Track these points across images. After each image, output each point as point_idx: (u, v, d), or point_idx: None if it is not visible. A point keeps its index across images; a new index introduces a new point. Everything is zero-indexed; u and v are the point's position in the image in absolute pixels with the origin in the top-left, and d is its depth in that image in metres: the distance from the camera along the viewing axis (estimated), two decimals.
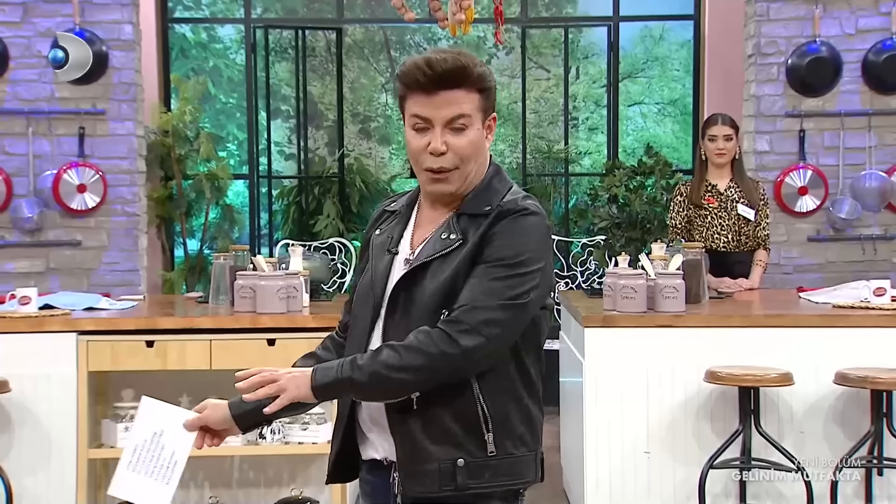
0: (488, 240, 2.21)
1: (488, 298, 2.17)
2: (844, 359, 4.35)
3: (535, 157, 9.37)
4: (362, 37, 11.17)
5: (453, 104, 2.19)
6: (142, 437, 2.38)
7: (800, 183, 6.97)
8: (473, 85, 2.21)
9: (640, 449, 4.45)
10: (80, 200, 6.83)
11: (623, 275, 4.55)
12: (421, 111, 2.21)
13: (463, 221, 2.25)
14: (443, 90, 2.18)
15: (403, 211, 2.37)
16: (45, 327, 4.45)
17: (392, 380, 2.15)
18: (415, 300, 2.22)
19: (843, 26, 6.97)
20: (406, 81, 2.21)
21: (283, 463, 4.71)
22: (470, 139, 2.23)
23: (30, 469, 4.40)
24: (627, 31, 9.70)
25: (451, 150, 2.21)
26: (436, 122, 2.20)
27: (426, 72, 2.17)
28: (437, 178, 2.24)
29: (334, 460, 2.38)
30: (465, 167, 2.24)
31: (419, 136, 2.23)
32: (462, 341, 2.14)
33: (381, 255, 2.33)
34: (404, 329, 2.21)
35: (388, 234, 2.35)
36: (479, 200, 2.27)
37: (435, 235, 2.27)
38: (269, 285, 4.47)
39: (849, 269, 6.85)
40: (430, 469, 2.20)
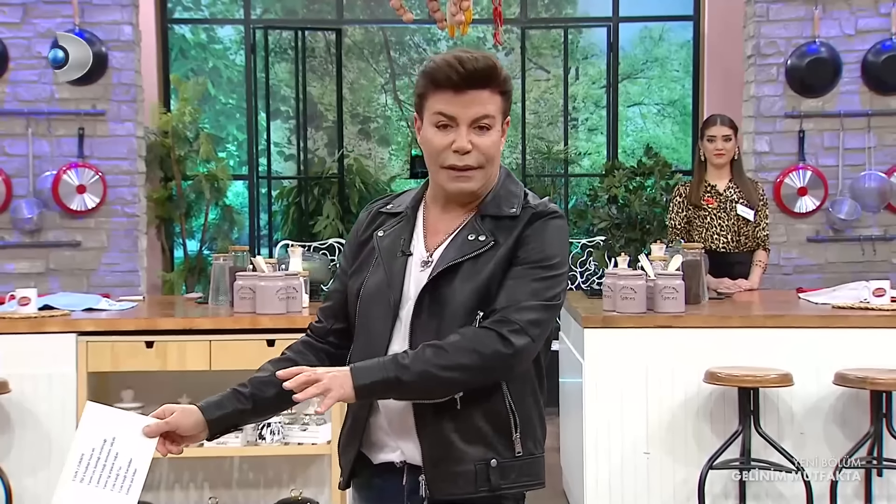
0: (522, 241, 2.24)
1: (532, 299, 2.20)
2: (844, 359, 4.35)
3: (534, 158, 9.38)
4: (362, 37, 11.17)
5: (480, 104, 2.21)
6: (89, 446, 2.25)
7: (799, 183, 6.97)
8: (499, 87, 2.23)
9: (639, 449, 4.45)
10: (79, 201, 6.83)
11: (623, 275, 4.55)
12: (447, 109, 2.21)
13: (488, 223, 2.26)
14: (472, 89, 2.19)
15: (408, 213, 2.34)
16: (44, 328, 4.45)
17: (442, 379, 2.14)
18: (446, 302, 2.21)
19: (842, 27, 6.97)
20: (438, 77, 2.20)
21: (282, 463, 4.71)
22: (493, 140, 2.24)
23: (29, 469, 4.40)
24: (627, 32, 9.70)
25: (476, 148, 2.22)
26: (461, 121, 2.21)
27: (459, 70, 2.18)
28: (460, 175, 2.23)
29: (353, 465, 2.34)
30: (488, 167, 2.25)
31: (442, 134, 2.22)
32: (515, 341, 2.17)
33: (393, 258, 2.29)
34: (434, 331, 2.20)
35: (397, 235, 2.32)
36: (499, 202, 2.28)
37: (459, 237, 2.26)
38: (268, 286, 4.47)
39: (848, 270, 6.85)
40: (466, 470, 2.21)
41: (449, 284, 2.22)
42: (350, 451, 2.33)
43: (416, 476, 2.26)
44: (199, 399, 4.50)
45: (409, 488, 2.27)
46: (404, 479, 2.27)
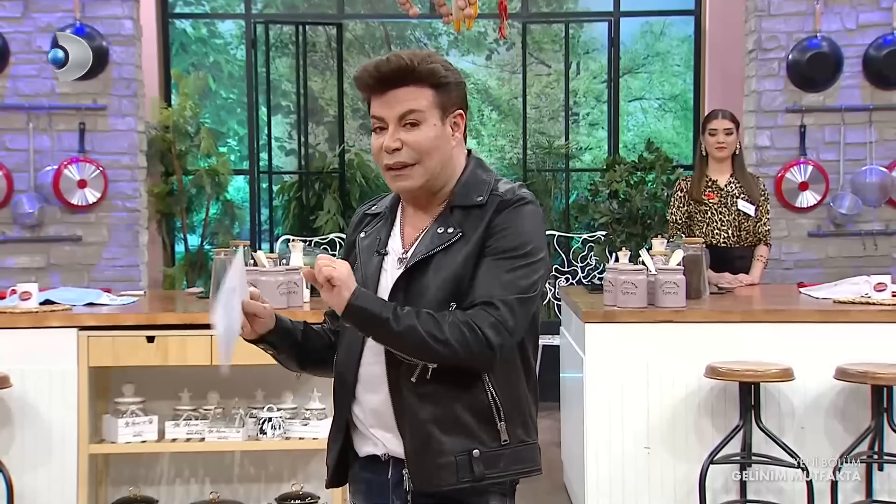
0: (492, 231, 2.24)
1: (507, 292, 2.20)
2: (845, 354, 4.35)
3: (535, 153, 9.37)
4: (363, 32, 11.18)
5: (403, 101, 2.23)
6: (231, 285, 2.25)
7: (800, 178, 6.97)
8: (423, 80, 2.24)
9: (640, 444, 4.46)
10: (80, 196, 6.83)
11: (623, 270, 4.55)
12: (376, 111, 2.27)
13: (457, 214, 2.28)
14: (391, 89, 2.24)
15: (387, 213, 2.39)
16: (45, 323, 4.45)
17: (424, 344, 2.16)
18: (419, 295, 2.23)
19: (843, 21, 6.97)
20: (359, 86, 2.30)
21: (283, 458, 4.72)
22: (426, 134, 2.24)
23: (31, 465, 4.41)
24: (628, 27, 9.71)
25: (406, 145, 2.24)
26: (389, 121, 2.25)
27: (373, 73, 2.24)
28: (397, 174, 2.26)
29: (336, 462, 2.37)
30: (426, 162, 2.25)
31: (377, 137, 2.28)
32: (492, 338, 2.18)
33: (370, 257, 2.34)
34: None
35: (375, 236, 2.37)
36: (468, 192, 2.29)
37: (430, 231, 2.29)
38: (269, 281, 4.47)
39: (849, 265, 6.85)
40: (446, 462, 2.22)
41: (421, 278, 2.24)
42: (335, 446, 2.37)
43: (400, 469, 2.27)
44: (200, 394, 4.52)
45: (394, 481, 2.29)
46: (389, 472, 2.29)
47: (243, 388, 4.60)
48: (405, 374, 2.23)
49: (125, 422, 4.44)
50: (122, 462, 4.71)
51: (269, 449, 4.59)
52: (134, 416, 4.47)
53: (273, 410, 4.49)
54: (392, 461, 2.28)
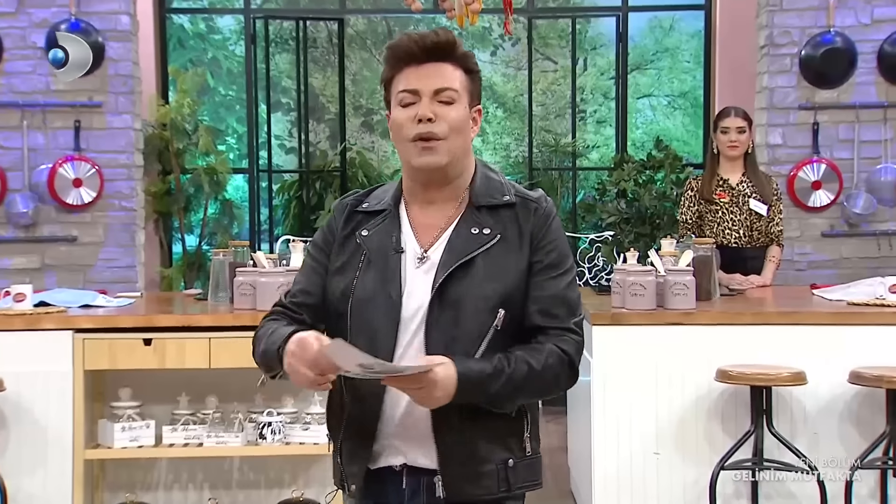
0: (537, 243, 2.30)
1: (572, 313, 2.32)
2: (859, 357, 4.34)
3: (541, 151, 9.36)
4: (365, 27, 11.19)
5: (441, 76, 2.27)
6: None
7: (813, 177, 6.97)
8: (459, 62, 2.29)
9: (649, 449, 4.45)
10: (75, 195, 6.84)
11: (632, 271, 4.55)
12: (409, 84, 2.27)
13: (486, 214, 2.30)
14: (432, 61, 2.27)
15: (391, 209, 2.36)
16: (40, 325, 4.46)
17: (535, 390, 2.27)
18: (461, 299, 2.23)
19: (858, 16, 6.96)
20: (398, 54, 2.28)
21: (283, 464, 4.72)
22: (459, 113, 2.28)
23: (25, 469, 4.41)
24: (636, 22, 9.71)
25: (439, 118, 2.25)
26: (424, 93, 2.26)
27: (418, 42, 2.26)
28: (426, 146, 2.25)
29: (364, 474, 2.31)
30: (453, 140, 2.27)
31: (407, 110, 2.28)
32: (577, 364, 2.33)
33: (386, 256, 2.30)
34: (450, 328, 2.22)
35: (385, 233, 2.32)
36: (488, 190, 2.33)
37: (461, 231, 2.29)
38: (269, 282, 4.48)
39: (864, 266, 6.85)
40: (489, 470, 2.26)
41: (462, 281, 2.24)
42: (359, 460, 2.31)
43: (417, 478, 2.27)
44: (198, 398, 4.53)
45: (410, 491, 2.28)
46: (404, 482, 2.28)
47: (242, 392, 4.60)
48: None
49: (122, 426, 4.44)
50: (118, 468, 4.71)
51: (268, 454, 4.59)
52: (130, 421, 4.47)
53: (273, 415, 4.49)
54: (407, 471, 2.28)
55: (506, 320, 2.24)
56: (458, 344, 2.21)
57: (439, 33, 2.27)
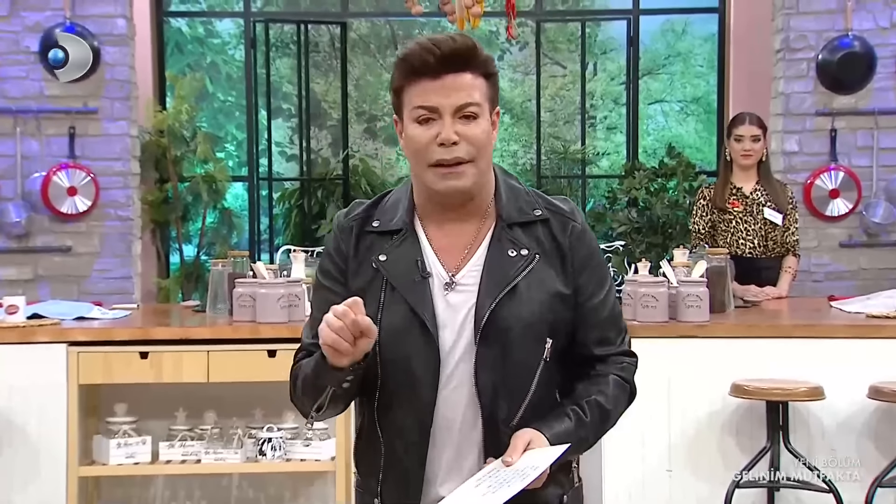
0: (580, 262, 2.21)
1: (622, 332, 2.31)
2: (879, 372, 4.33)
3: (550, 158, 9.39)
4: (368, 31, 11.21)
5: (462, 89, 2.10)
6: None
7: (831, 185, 6.96)
8: (480, 69, 2.13)
9: (661, 466, 4.45)
10: (70, 204, 6.85)
11: (643, 282, 4.55)
12: (427, 100, 2.10)
13: (519, 233, 2.18)
14: (451, 73, 2.09)
15: (407, 228, 2.20)
16: (33, 338, 4.46)
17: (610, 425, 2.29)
18: (507, 328, 2.12)
19: (877, 19, 6.96)
20: (413, 63, 2.10)
21: (284, 481, 4.72)
22: (482, 128, 2.12)
23: (18, 486, 4.41)
24: (648, 25, 9.71)
25: (463, 139, 2.10)
26: (444, 111, 2.09)
27: (435, 51, 2.08)
28: (450, 172, 2.10)
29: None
30: (479, 161, 2.13)
31: (424, 128, 2.11)
32: (634, 387, 2.35)
33: (412, 283, 2.14)
34: (500, 361, 2.12)
35: (408, 257, 2.17)
36: (518, 204, 2.21)
37: (495, 253, 2.16)
38: (269, 293, 4.48)
39: (883, 277, 6.83)
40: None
41: (506, 310, 2.12)
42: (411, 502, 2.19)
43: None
44: (196, 413, 4.52)
45: None
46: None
47: (241, 407, 4.61)
48: (505, 419, 2.14)
49: (117, 442, 4.44)
50: (113, 485, 4.71)
51: (268, 471, 4.59)
52: (126, 437, 4.47)
53: (273, 430, 4.49)
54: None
55: (553, 350, 2.16)
56: (509, 381, 2.13)
57: (456, 39, 2.10)
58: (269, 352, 4.38)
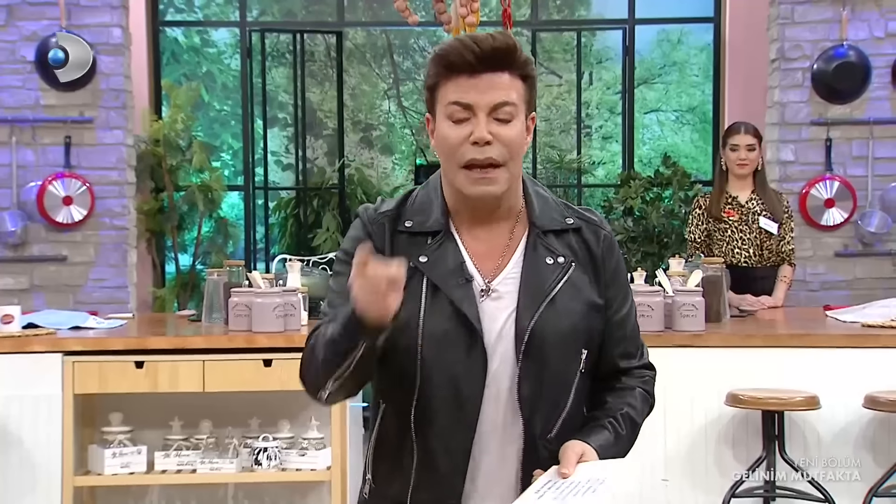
0: (610, 274, 2.22)
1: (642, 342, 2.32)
2: (874, 381, 4.34)
3: (546, 167, 9.39)
4: (364, 41, 11.22)
5: (499, 88, 2.06)
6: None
7: (826, 195, 6.97)
8: (519, 70, 2.09)
9: (657, 476, 4.45)
10: (65, 213, 6.85)
11: (639, 291, 4.55)
12: (462, 97, 2.06)
13: (553, 240, 2.17)
14: (489, 72, 2.05)
15: (444, 230, 2.15)
16: (28, 347, 4.46)
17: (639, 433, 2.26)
18: (545, 338, 2.10)
19: (871, 29, 6.98)
20: (451, 59, 2.06)
21: (280, 491, 4.71)
22: (518, 131, 2.09)
23: (13, 497, 4.40)
24: (644, 35, 9.71)
25: (497, 140, 2.06)
26: (479, 108, 2.06)
27: (474, 49, 2.04)
28: (483, 176, 2.07)
29: None
30: (512, 165, 2.09)
31: (458, 128, 2.07)
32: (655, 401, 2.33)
33: (454, 287, 2.09)
34: (540, 371, 2.10)
35: (446, 259, 2.12)
36: (550, 212, 2.19)
37: (533, 261, 2.14)
38: (265, 303, 4.48)
39: (879, 286, 6.84)
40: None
41: (545, 320, 2.10)
42: None
43: None
44: (192, 423, 4.52)
45: None
46: None
47: (237, 417, 4.60)
48: (542, 432, 2.12)
49: (112, 452, 4.44)
50: (109, 494, 4.70)
51: (264, 481, 4.58)
52: (122, 446, 4.47)
53: (269, 440, 4.49)
54: None
55: (587, 362, 2.16)
56: (546, 391, 2.11)
57: (497, 38, 2.05)
58: (265, 361, 4.38)
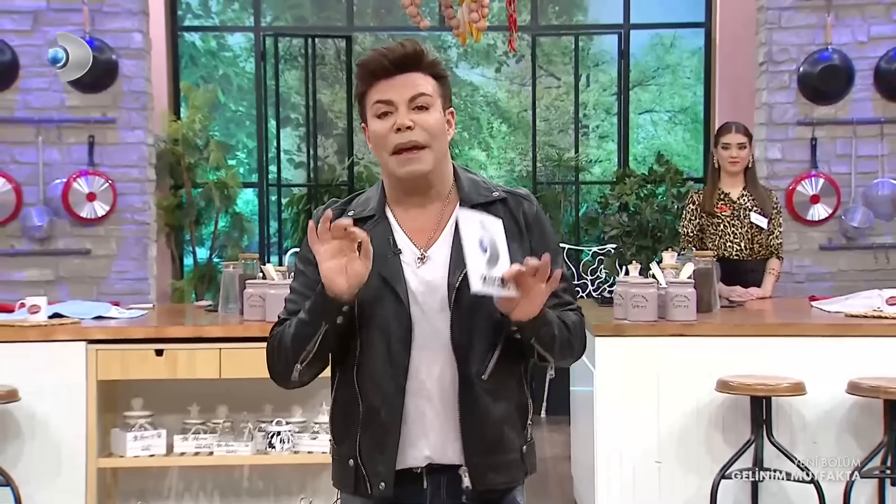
0: (533, 229, 2.35)
1: (573, 296, 2.41)
2: (857, 368, 4.33)
3: (545, 165, 9.38)
4: (372, 45, 11.20)
5: (413, 84, 2.27)
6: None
7: (812, 191, 6.96)
8: (428, 69, 2.30)
9: (651, 459, 4.45)
10: (89, 209, 6.85)
11: (634, 283, 4.54)
12: (384, 95, 2.27)
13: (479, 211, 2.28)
14: (402, 73, 2.27)
15: (379, 214, 2.35)
16: (54, 336, 4.46)
17: (572, 345, 2.34)
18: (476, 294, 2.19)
19: (854, 34, 6.96)
20: (371, 68, 2.28)
21: (292, 472, 4.71)
22: (435, 117, 2.28)
23: (39, 479, 4.41)
24: (638, 39, 9.71)
25: (417, 126, 2.26)
26: (399, 103, 2.26)
27: (387, 56, 2.27)
28: (409, 156, 2.26)
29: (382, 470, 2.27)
30: (435, 146, 2.27)
31: (384, 121, 2.28)
32: (585, 334, 2.41)
33: (384, 259, 2.26)
34: (470, 321, 2.24)
35: (378, 236, 2.28)
36: (477, 189, 2.35)
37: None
38: (278, 294, 4.47)
39: (861, 278, 6.83)
40: (514, 459, 2.30)
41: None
42: (390, 457, 2.26)
43: (438, 477, 2.27)
44: (209, 408, 4.52)
45: (431, 490, 2.27)
46: (425, 482, 2.27)
47: (252, 402, 4.61)
48: (477, 372, 2.24)
49: (134, 435, 4.44)
50: (130, 476, 4.71)
51: (277, 463, 4.59)
52: (142, 430, 4.47)
53: (282, 424, 4.49)
54: (427, 471, 2.27)
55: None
56: (477, 341, 2.25)
57: (405, 45, 2.28)
58: None
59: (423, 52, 2.29)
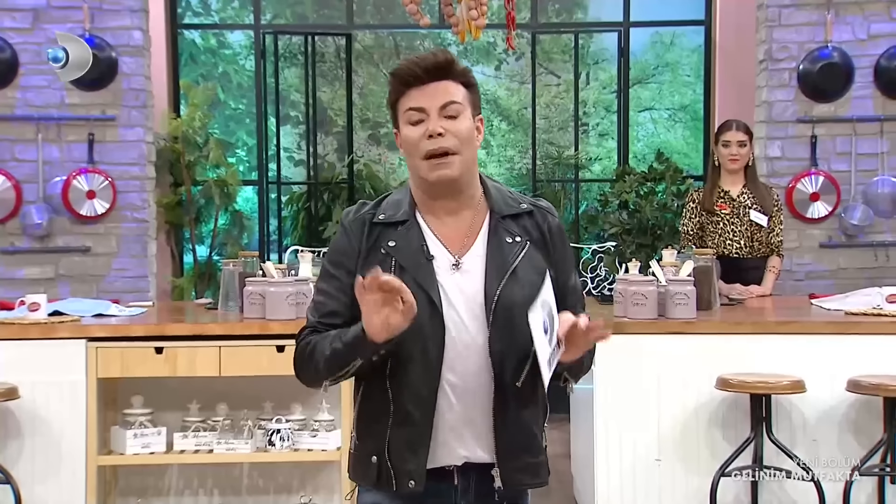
0: (556, 243, 2.43)
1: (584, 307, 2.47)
2: (857, 366, 4.34)
3: (545, 163, 9.37)
4: (372, 42, 11.19)
5: (444, 92, 2.34)
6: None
7: (811, 189, 6.96)
8: (459, 77, 2.36)
9: (651, 456, 4.45)
10: (89, 207, 6.85)
11: (634, 281, 4.54)
12: (416, 103, 2.33)
13: (510, 223, 2.39)
14: (434, 81, 2.34)
15: (411, 220, 2.39)
16: (54, 334, 4.46)
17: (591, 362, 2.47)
18: (512, 304, 2.30)
19: (855, 32, 6.96)
20: (402, 78, 2.35)
21: (292, 470, 4.72)
22: (465, 125, 2.34)
23: (39, 476, 4.41)
24: (638, 37, 9.69)
25: (448, 132, 2.32)
26: (430, 110, 2.32)
27: (420, 64, 2.34)
28: (440, 162, 2.32)
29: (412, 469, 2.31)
30: (465, 153, 2.33)
31: (416, 128, 2.34)
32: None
33: (418, 265, 2.32)
34: (507, 333, 2.30)
35: (413, 243, 2.34)
36: (503, 199, 2.42)
37: (493, 240, 2.36)
38: (278, 291, 4.48)
39: (861, 276, 6.83)
40: (542, 461, 2.41)
41: (509, 289, 2.32)
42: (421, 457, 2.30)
43: (469, 476, 2.33)
44: (209, 406, 4.52)
45: (462, 488, 2.34)
46: (456, 479, 2.33)
47: (252, 400, 4.61)
48: (512, 379, 2.31)
49: (134, 433, 4.44)
50: (130, 473, 4.71)
51: (277, 461, 4.59)
52: (142, 428, 4.47)
53: (282, 422, 4.49)
54: (459, 469, 2.33)
55: None
56: (513, 349, 2.31)
57: (437, 54, 2.35)
58: (278, 347, 4.38)
59: (453, 61, 2.36)
